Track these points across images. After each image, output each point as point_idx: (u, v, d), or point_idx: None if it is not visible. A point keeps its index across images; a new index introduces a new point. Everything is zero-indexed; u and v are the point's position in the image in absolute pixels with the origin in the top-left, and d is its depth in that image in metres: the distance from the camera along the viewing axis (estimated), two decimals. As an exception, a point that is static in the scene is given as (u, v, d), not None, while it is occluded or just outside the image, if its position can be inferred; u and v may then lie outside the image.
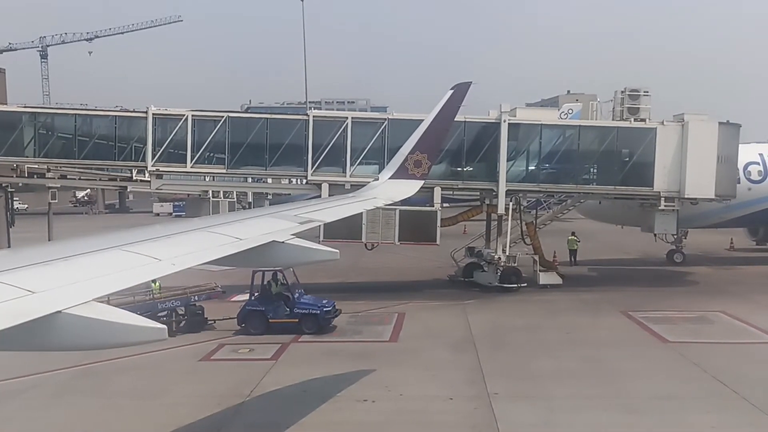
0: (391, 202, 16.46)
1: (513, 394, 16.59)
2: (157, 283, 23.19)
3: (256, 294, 23.58)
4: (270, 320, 22.84)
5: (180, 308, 23.63)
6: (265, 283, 23.68)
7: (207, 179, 35.12)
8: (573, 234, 39.44)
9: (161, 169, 29.80)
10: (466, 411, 15.54)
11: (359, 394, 16.54)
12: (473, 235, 36.58)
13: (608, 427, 14.59)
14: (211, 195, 53.48)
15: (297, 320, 22.79)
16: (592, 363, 19.33)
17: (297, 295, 23.48)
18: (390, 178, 16.19)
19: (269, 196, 48.60)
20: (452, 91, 17.69)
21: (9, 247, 30.62)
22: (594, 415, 15.17)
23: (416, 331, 23.33)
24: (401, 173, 16.19)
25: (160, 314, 23.11)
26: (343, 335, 22.89)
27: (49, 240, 33.14)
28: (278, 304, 23.19)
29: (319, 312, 22.95)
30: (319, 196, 27.74)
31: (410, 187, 16.21)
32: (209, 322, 23.82)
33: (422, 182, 16.64)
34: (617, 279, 34.27)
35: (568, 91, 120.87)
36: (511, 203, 30.21)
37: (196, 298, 24.03)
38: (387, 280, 34.44)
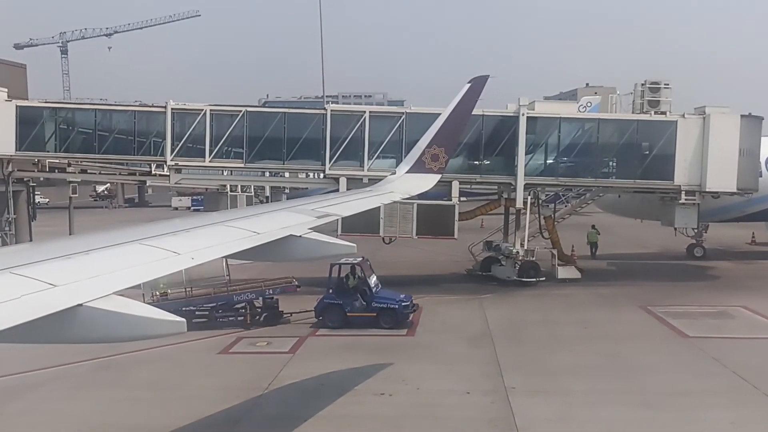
0: (408, 196, 16.44)
1: (530, 389, 16.55)
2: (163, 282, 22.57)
3: (332, 287, 23.37)
4: (347, 314, 22.74)
5: (257, 300, 23.75)
6: (343, 275, 23.53)
7: (225, 173, 35.40)
8: (593, 227, 39.27)
9: (180, 163, 30.01)
10: (483, 405, 15.53)
11: (376, 388, 16.60)
12: (490, 229, 36.49)
13: (626, 423, 14.51)
14: (229, 189, 53.91)
15: (375, 314, 22.62)
16: (610, 358, 19.22)
17: (375, 288, 23.24)
18: (407, 172, 16.17)
19: (287, 190, 48.93)
20: (469, 84, 17.61)
21: (31, 240, 31.03)
22: (611, 411, 15.10)
23: (433, 325, 23.35)
24: (418, 167, 16.16)
25: (237, 306, 23.41)
26: (360, 329, 22.93)
27: (70, 234, 33.53)
28: (355, 297, 23.00)
29: (397, 306, 22.74)
30: (337, 190, 27.79)
31: (427, 181, 16.18)
32: (284, 315, 23.91)
33: (439, 176, 16.59)
34: (636, 273, 34.01)
35: (587, 84, 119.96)
36: (529, 197, 30.09)
37: (271, 291, 23.99)
38: (404, 274, 34.35)
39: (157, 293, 22.84)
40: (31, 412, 15.41)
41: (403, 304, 22.95)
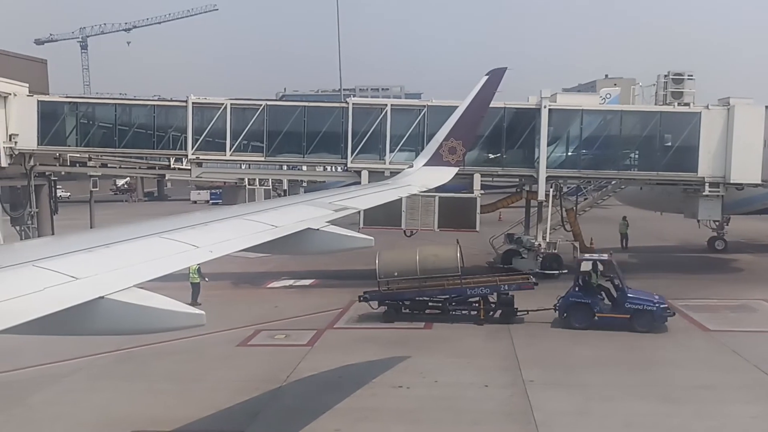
0: (425, 189, 16.42)
1: (548, 382, 16.51)
2: (195, 267, 22.96)
3: (579, 284, 21.82)
4: (596, 314, 21.13)
5: (491, 296, 22.87)
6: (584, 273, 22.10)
7: (243, 167, 35.57)
8: (624, 218, 39.21)
9: (201, 157, 30.20)
10: (501, 398, 15.51)
11: (394, 381, 16.63)
12: (508, 221, 36.35)
13: (645, 417, 14.41)
14: (246, 183, 54.23)
15: (628, 316, 20.86)
16: (630, 351, 19.10)
17: (626, 288, 21.51)
18: (424, 165, 16.14)
19: (304, 184, 49.05)
20: (487, 77, 17.53)
21: (53, 234, 31.41)
22: (631, 405, 15.01)
23: (451, 318, 23.29)
24: (436, 160, 16.13)
25: (470, 300, 22.79)
26: (377, 322, 22.97)
27: (91, 227, 33.90)
28: (602, 296, 21.70)
29: (655, 309, 20.97)
30: (354, 183, 27.83)
31: (445, 174, 16.14)
32: (518, 313, 22.56)
33: (457, 169, 16.55)
34: (657, 266, 33.70)
35: (606, 76, 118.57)
36: (551, 189, 30.02)
37: (506, 287, 22.85)
38: (422, 267, 34.32)
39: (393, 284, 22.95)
40: (54, 402, 15.65)
41: (661, 306, 21.12)
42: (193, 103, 29.62)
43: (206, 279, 25.08)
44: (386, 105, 30.11)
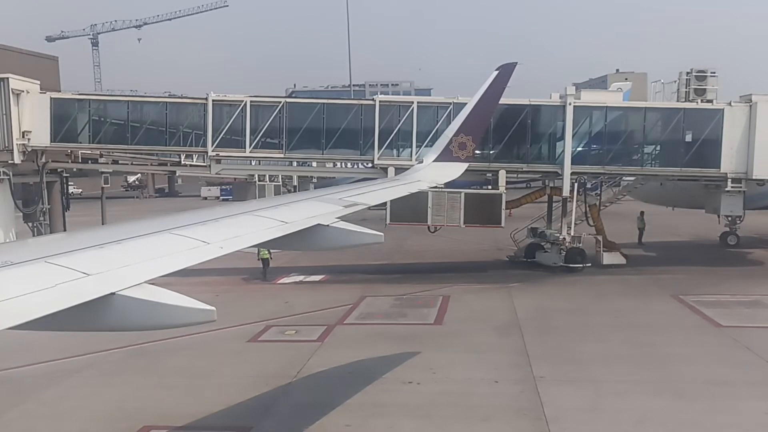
0: (435, 185, 16.40)
1: (559, 378, 16.45)
2: (265, 252, 27.14)
3: None
4: None
5: None
6: None
7: (255, 163, 35.67)
8: (641, 213, 39.26)
9: (221, 154, 30.31)
10: (511, 394, 15.48)
11: (404, 376, 16.63)
12: (519, 217, 36.29)
13: (657, 413, 14.33)
14: (257, 179, 54.41)
15: None
16: (641, 347, 19.00)
17: None
18: (434, 161, 16.10)
19: (314, 180, 49.12)
20: (497, 72, 17.44)
21: (65, 230, 31.58)
22: (643, 401, 14.93)
23: (461, 314, 23.31)
24: (445, 156, 16.08)
25: None
26: (387, 318, 23.00)
27: (102, 223, 34.08)
28: None
29: None
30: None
31: (454, 170, 16.09)
32: None
33: (467, 165, 16.50)
34: (668, 261, 33.58)
35: (617, 70, 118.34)
36: (575, 185, 30.15)
37: None
38: (431, 262, 34.42)
39: None
40: (66, 398, 15.75)
41: None
42: (213, 100, 29.73)
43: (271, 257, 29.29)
44: (413, 102, 30.34)
